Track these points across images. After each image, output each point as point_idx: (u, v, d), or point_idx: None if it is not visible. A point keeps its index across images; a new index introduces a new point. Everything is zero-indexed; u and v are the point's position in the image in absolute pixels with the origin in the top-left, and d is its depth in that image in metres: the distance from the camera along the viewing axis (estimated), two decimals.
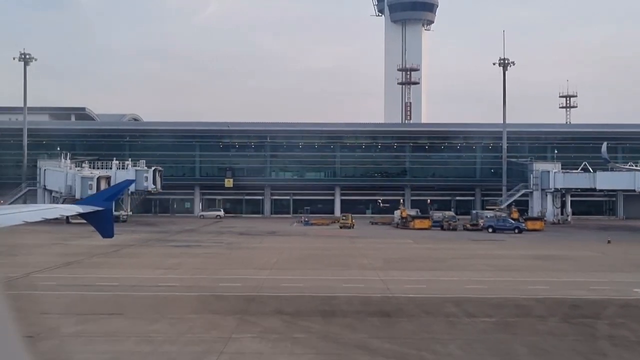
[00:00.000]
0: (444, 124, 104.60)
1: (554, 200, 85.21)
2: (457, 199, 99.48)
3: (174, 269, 35.73)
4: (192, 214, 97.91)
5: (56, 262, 37.08)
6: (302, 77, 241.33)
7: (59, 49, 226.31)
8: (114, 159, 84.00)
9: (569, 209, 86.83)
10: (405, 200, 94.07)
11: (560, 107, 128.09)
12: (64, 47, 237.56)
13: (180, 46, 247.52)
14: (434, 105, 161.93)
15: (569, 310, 24.17)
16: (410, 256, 43.85)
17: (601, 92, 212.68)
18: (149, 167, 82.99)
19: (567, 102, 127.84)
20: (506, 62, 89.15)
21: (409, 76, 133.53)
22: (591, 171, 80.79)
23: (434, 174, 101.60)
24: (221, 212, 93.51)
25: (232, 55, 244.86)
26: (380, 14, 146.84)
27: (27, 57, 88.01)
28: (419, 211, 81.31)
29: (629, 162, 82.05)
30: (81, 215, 14.24)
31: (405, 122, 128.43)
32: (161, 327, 20.71)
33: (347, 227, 72.13)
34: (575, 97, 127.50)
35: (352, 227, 72.40)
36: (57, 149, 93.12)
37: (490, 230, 67.43)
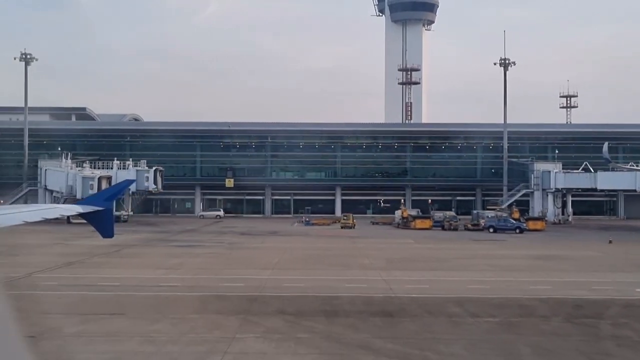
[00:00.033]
0: (445, 124, 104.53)
1: (554, 200, 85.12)
2: (458, 199, 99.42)
3: (176, 269, 35.66)
4: (193, 214, 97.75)
5: (57, 262, 37.02)
6: (302, 77, 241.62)
7: (59, 49, 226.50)
8: (114, 159, 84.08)
9: (569, 209, 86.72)
10: (406, 200, 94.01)
11: (560, 107, 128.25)
12: (64, 47, 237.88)
13: (180, 46, 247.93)
14: (435, 105, 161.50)
15: (572, 310, 24.13)
16: (411, 256, 43.80)
17: (601, 92, 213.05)
18: (149, 167, 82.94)
19: (568, 102, 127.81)
20: (507, 62, 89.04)
21: (410, 76, 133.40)
22: (592, 171, 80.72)
23: (435, 174, 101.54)
24: (221, 212, 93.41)
25: (232, 55, 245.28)
26: (380, 14, 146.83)
27: (28, 57, 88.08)
28: (419, 211, 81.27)
29: (630, 162, 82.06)
30: (81, 215, 14.19)
31: (405, 122, 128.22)
32: (163, 327, 20.64)
33: (348, 227, 72.04)
34: (575, 97, 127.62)
35: (353, 227, 72.32)
36: (58, 149, 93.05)
37: (491, 230, 67.39)
